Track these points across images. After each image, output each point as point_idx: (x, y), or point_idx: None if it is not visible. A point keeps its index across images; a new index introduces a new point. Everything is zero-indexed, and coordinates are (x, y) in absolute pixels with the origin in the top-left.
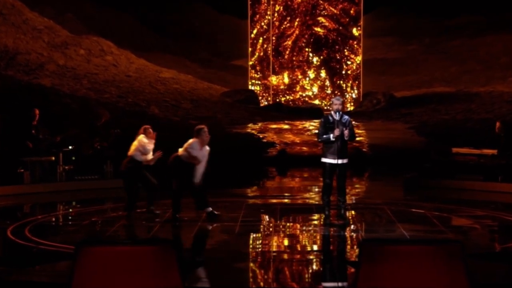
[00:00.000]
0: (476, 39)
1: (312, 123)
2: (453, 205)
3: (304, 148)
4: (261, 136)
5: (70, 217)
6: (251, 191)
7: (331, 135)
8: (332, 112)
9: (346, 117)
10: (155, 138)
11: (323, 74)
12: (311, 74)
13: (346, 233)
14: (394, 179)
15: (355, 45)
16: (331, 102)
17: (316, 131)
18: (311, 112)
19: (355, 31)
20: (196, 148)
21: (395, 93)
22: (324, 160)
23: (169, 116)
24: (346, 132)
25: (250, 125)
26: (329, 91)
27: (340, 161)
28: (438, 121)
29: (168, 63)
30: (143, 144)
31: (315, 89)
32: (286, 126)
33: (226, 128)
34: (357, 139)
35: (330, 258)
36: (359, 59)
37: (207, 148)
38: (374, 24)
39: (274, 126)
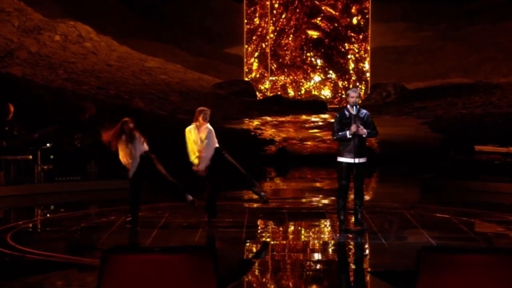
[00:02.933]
0: (497, 24)
1: (315, 118)
2: (479, 209)
3: (306, 145)
4: (258, 132)
5: (55, 223)
6: (249, 194)
7: (347, 132)
8: (348, 106)
9: (363, 111)
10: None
11: (332, 75)
12: (317, 77)
13: (364, 240)
14: (409, 180)
15: (354, 35)
16: (346, 94)
17: (319, 120)
18: (314, 105)
19: (355, 21)
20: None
21: (407, 84)
22: (340, 159)
23: (155, 110)
24: (362, 130)
25: (246, 120)
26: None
27: (357, 160)
28: (454, 116)
29: (154, 51)
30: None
31: (327, 92)
32: (286, 121)
33: (219, 123)
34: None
35: (347, 267)
36: (355, 47)
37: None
38: (384, 7)
39: (272, 121)
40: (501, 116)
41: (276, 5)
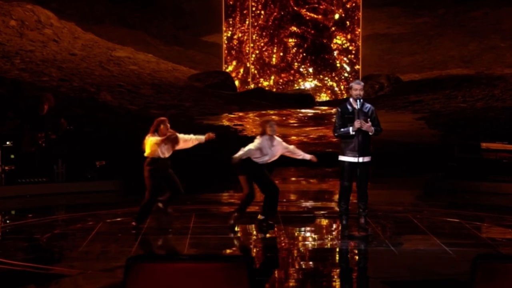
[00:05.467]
0: (500, 9)
1: (302, 112)
2: (491, 213)
3: (292, 141)
4: (238, 129)
5: (24, 230)
6: (230, 196)
7: (351, 128)
8: (351, 100)
9: (368, 105)
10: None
11: (329, 81)
12: (308, 84)
13: (368, 247)
14: (407, 181)
15: (343, 36)
16: (349, 86)
17: (305, 115)
18: (300, 99)
19: (337, 16)
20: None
21: (402, 76)
22: (342, 158)
23: (125, 104)
24: (369, 126)
25: (225, 115)
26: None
27: (361, 159)
28: (453, 110)
29: (123, 39)
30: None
31: (326, 98)
32: (269, 115)
33: (195, 119)
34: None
35: (350, 276)
36: (339, 40)
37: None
38: None
39: (254, 116)
40: (504, 110)
41: (258, 11)
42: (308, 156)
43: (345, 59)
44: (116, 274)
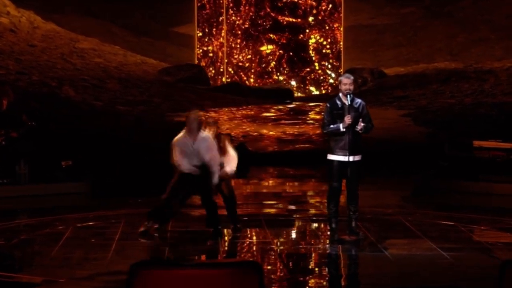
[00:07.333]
0: None
1: (280, 108)
2: (486, 215)
3: (269, 140)
4: None
5: None
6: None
7: (341, 125)
8: (341, 95)
9: (358, 100)
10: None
11: (314, 90)
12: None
13: (359, 252)
14: (394, 181)
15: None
16: (339, 81)
17: (284, 111)
18: (279, 94)
19: (311, 19)
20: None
21: (386, 70)
22: (331, 157)
23: (89, 99)
24: (360, 125)
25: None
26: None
27: (351, 158)
28: (441, 106)
29: (87, 29)
30: None
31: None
32: (245, 112)
33: (166, 116)
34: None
35: (340, 283)
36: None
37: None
38: None
39: (229, 112)
40: (494, 106)
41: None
42: None
43: (328, 65)
44: (89, 283)
